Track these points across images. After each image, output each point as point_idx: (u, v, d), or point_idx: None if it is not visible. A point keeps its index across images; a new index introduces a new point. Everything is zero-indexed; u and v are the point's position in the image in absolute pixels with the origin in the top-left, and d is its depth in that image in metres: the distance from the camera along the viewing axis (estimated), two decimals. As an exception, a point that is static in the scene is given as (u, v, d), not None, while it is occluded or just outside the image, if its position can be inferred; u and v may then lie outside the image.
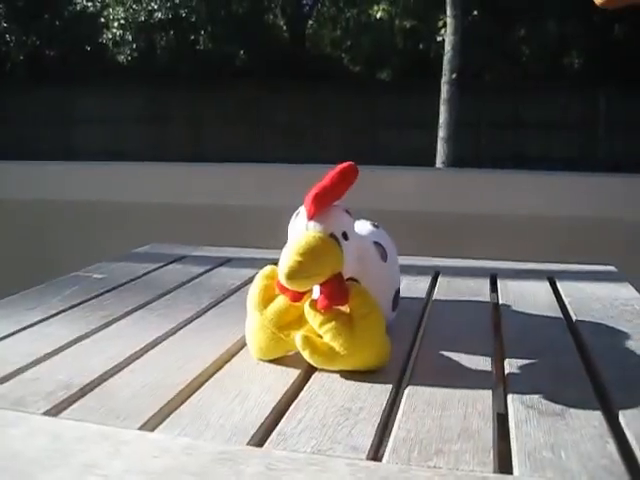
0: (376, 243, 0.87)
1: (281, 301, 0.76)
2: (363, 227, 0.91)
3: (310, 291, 0.75)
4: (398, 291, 0.90)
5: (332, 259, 0.73)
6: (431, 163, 10.25)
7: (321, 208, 0.74)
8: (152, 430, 0.61)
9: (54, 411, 0.65)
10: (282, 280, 0.71)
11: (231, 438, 0.60)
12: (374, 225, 0.93)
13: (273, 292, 0.77)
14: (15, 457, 0.56)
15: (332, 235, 0.74)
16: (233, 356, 0.80)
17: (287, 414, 0.65)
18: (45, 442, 0.59)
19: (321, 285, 0.73)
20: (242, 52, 13.02)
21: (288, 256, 0.71)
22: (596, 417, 0.64)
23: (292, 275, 0.70)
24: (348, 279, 0.76)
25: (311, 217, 0.74)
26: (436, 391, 0.69)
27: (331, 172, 0.76)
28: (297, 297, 0.75)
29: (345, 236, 0.76)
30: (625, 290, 1.14)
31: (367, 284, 0.77)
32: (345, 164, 0.77)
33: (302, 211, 0.76)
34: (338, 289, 0.73)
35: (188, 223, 1.94)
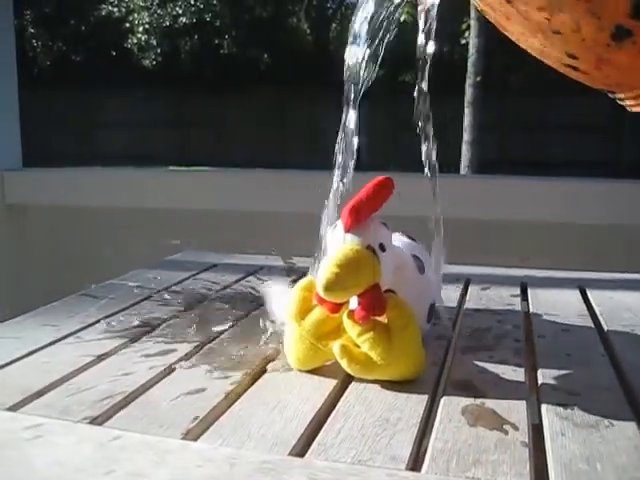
0: (414, 256, 0.88)
1: (319, 312, 0.78)
2: (401, 240, 0.92)
3: (348, 302, 0.76)
4: (433, 304, 0.91)
5: (369, 271, 0.74)
6: (456, 166, 10.22)
7: (358, 221, 0.76)
8: (195, 440, 0.63)
9: (99, 420, 0.66)
10: (320, 292, 0.73)
11: (272, 448, 0.61)
12: (411, 238, 0.94)
13: (311, 303, 0.78)
14: (61, 466, 0.58)
15: (369, 247, 0.75)
16: (271, 365, 0.82)
17: (326, 424, 0.66)
18: (90, 451, 0.60)
19: (359, 296, 0.74)
20: (266, 56, 13.07)
21: (326, 268, 0.73)
22: (630, 428, 0.65)
23: (329, 287, 0.72)
24: (386, 291, 0.77)
25: (348, 229, 0.76)
26: (471, 401, 0.70)
27: (368, 185, 0.78)
28: (335, 309, 0.76)
29: (382, 248, 0.77)
30: (656, 299, 1.15)
31: (404, 295, 0.78)
32: (382, 178, 0.78)
33: (339, 224, 0.78)
34: (376, 300, 0.74)
35: (218, 229, 1.96)
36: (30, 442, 0.62)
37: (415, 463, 0.59)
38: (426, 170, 0.89)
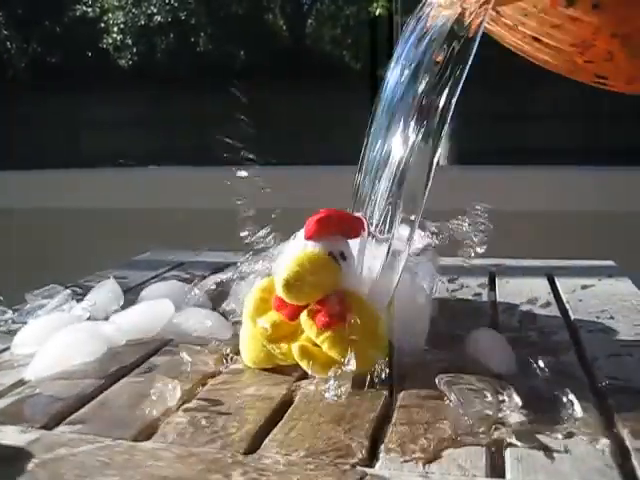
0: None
1: (275, 315, 0.77)
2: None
3: (306, 309, 0.75)
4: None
5: (330, 275, 0.74)
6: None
7: (321, 232, 0.76)
8: (146, 440, 0.62)
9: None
10: (279, 291, 0.72)
11: (225, 446, 0.60)
12: None
13: (268, 305, 0.78)
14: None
15: (330, 254, 0.75)
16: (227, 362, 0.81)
17: (282, 421, 0.65)
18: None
19: (319, 303, 0.73)
20: (242, 52, 13.05)
21: (286, 267, 0.73)
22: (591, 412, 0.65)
23: (289, 285, 0.72)
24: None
25: (309, 237, 0.76)
26: (429, 395, 0.69)
27: (345, 211, 0.80)
28: (292, 315, 0.75)
29: (343, 256, 0.77)
30: (623, 285, 1.14)
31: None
32: (359, 217, 0.80)
33: (299, 234, 0.78)
34: (337, 307, 0.73)
35: (185, 227, 1.94)
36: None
37: (370, 459, 0.58)
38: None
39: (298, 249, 0.76)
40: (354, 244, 0.83)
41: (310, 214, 0.77)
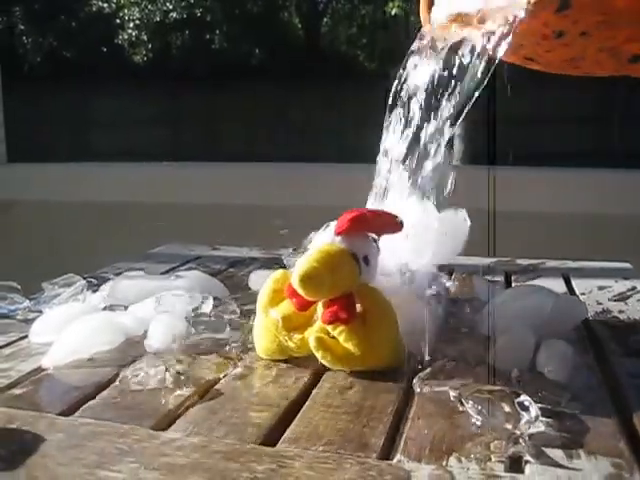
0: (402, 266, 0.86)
1: (287, 306, 0.77)
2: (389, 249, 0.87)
3: (316, 303, 0.75)
4: None
5: (347, 275, 0.74)
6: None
7: (354, 230, 0.76)
8: (165, 429, 0.62)
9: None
10: (295, 283, 0.72)
11: (244, 436, 0.60)
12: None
13: (282, 296, 0.78)
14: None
15: (354, 255, 0.75)
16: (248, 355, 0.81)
17: (300, 414, 0.65)
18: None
19: (330, 300, 0.73)
20: (257, 51, 13.03)
21: (305, 261, 0.72)
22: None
23: (306, 280, 0.71)
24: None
25: (339, 232, 0.76)
26: (445, 392, 0.69)
27: (382, 211, 0.81)
28: (303, 306, 0.75)
29: (366, 261, 0.76)
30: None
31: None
32: (396, 216, 0.80)
33: (332, 225, 0.78)
34: (345, 309, 0.73)
35: (202, 222, 1.95)
36: None
37: (387, 452, 0.58)
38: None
39: (325, 242, 0.76)
40: (387, 241, 0.83)
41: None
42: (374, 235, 0.80)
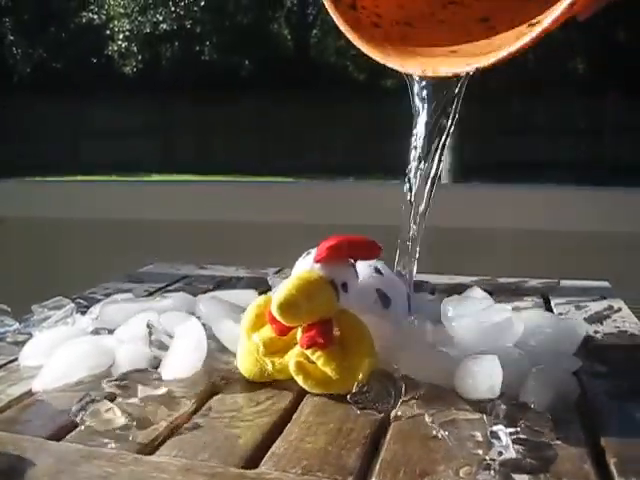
0: (378, 290, 0.88)
1: (268, 331, 0.80)
2: (367, 273, 0.90)
3: (296, 327, 0.78)
4: None
5: (325, 302, 0.77)
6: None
7: (332, 257, 0.79)
8: (151, 453, 0.64)
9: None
10: (273, 310, 0.75)
11: (226, 459, 0.63)
12: (378, 271, 0.92)
13: (264, 320, 0.81)
14: None
15: (332, 282, 0.78)
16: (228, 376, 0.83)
17: (281, 436, 0.68)
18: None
19: (309, 325, 0.76)
20: (247, 62, 13.07)
21: (284, 289, 0.75)
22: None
23: (283, 307, 0.74)
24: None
25: (318, 260, 0.79)
26: (421, 415, 0.72)
27: (359, 236, 0.82)
28: (283, 331, 0.78)
29: (345, 288, 0.80)
30: (616, 306, 1.17)
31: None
32: (374, 241, 0.82)
33: (312, 252, 0.81)
34: (323, 334, 0.76)
35: (189, 240, 1.96)
36: None
37: (364, 474, 0.61)
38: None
39: (304, 269, 0.80)
40: (364, 267, 0.86)
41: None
42: (352, 260, 0.83)
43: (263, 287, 1.15)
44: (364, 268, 0.89)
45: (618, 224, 1.84)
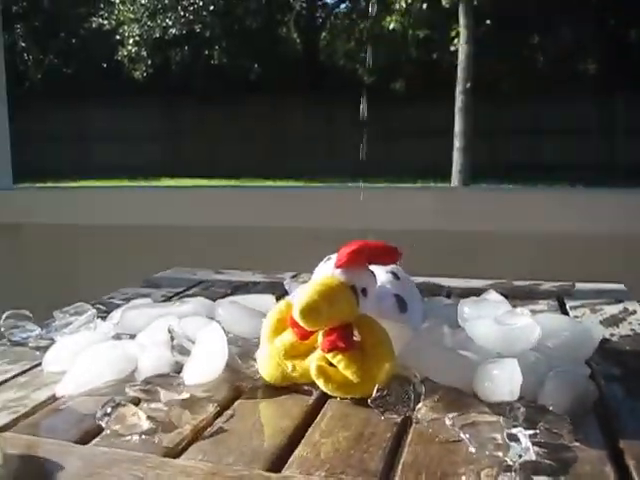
0: (396, 295, 0.89)
1: (289, 335, 0.81)
2: (384, 279, 0.92)
3: (317, 332, 0.79)
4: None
5: (346, 308, 0.78)
6: (447, 173, 10.26)
7: (352, 263, 0.80)
8: (176, 456, 0.65)
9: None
10: (295, 315, 0.76)
11: (250, 463, 0.64)
12: (395, 276, 0.94)
13: (285, 325, 0.82)
14: None
15: (353, 287, 0.80)
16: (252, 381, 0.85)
17: (303, 439, 0.69)
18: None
19: (330, 330, 0.78)
20: (256, 66, 13.10)
21: (306, 294, 0.76)
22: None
23: (306, 312, 0.75)
24: None
25: (339, 266, 0.80)
26: (441, 418, 0.72)
27: (378, 240, 0.84)
28: (304, 335, 0.80)
29: (365, 293, 0.81)
30: (631, 309, 1.17)
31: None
32: (394, 246, 0.84)
33: (333, 258, 0.83)
34: (343, 338, 0.77)
35: (206, 245, 1.98)
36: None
37: (386, 476, 0.62)
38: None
39: (325, 274, 0.81)
40: (382, 272, 0.88)
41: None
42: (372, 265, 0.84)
43: (280, 292, 1.16)
44: (381, 273, 0.90)
45: (633, 226, 1.84)
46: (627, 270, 1.51)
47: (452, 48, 11.30)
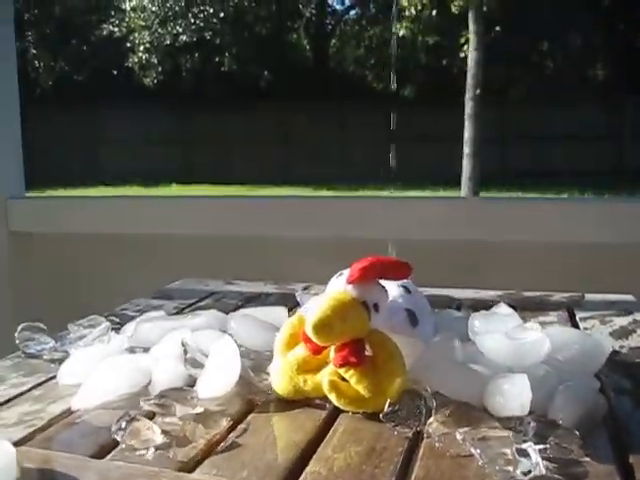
0: (407, 310, 0.90)
1: (302, 350, 0.82)
2: (395, 293, 0.92)
3: (330, 347, 0.80)
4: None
5: (358, 323, 0.79)
6: (456, 179, 10.27)
7: (364, 278, 0.81)
8: (191, 471, 0.66)
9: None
10: (308, 330, 0.77)
11: (264, 477, 0.65)
12: (406, 290, 0.94)
13: (298, 339, 0.83)
14: None
15: (364, 303, 0.80)
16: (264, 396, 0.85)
17: (315, 454, 0.69)
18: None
19: (342, 345, 0.78)
20: (266, 72, 13.14)
21: (318, 309, 0.77)
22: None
23: (318, 328, 0.76)
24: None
25: (351, 282, 0.81)
26: (452, 433, 0.73)
27: (390, 256, 0.85)
28: (317, 350, 0.80)
29: (376, 308, 0.82)
30: (641, 319, 1.18)
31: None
32: (405, 262, 0.84)
33: (345, 274, 0.83)
34: (355, 353, 0.78)
35: (215, 255, 1.98)
36: (34, 477, 0.65)
37: (398, 492, 0.62)
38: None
39: (337, 290, 0.82)
40: (393, 287, 0.89)
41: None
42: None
43: (291, 303, 1.17)
44: (393, 287, 0.91)
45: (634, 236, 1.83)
46: (636, 280, 1.51)
47: (462, 54, 11.33)
